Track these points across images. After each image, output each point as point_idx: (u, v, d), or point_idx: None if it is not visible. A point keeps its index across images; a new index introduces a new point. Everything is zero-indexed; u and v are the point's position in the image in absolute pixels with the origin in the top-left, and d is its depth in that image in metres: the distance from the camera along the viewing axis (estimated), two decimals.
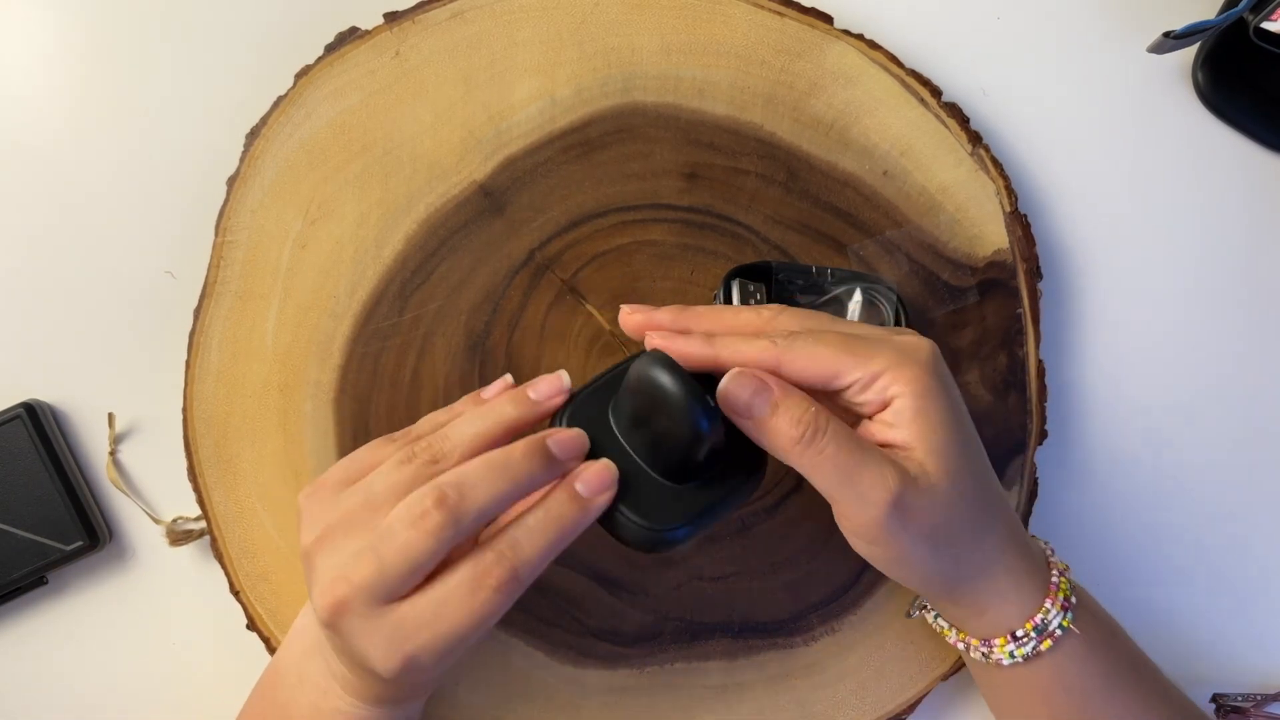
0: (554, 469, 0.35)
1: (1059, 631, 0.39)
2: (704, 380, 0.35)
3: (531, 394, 0.37)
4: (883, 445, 0.37)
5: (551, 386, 0.37)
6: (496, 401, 0.37)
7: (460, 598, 0.33)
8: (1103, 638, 0.41)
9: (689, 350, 0.37)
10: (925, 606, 0.45)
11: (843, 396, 0.37)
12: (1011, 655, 0.39)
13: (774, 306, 0.38)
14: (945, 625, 0.43)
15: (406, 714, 0.41)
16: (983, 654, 0.40)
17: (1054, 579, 0.40)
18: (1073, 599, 0.40)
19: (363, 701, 0.39)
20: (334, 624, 0.35)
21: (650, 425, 0.35)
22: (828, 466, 0.35)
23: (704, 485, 0.37)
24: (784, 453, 0.35)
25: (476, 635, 0.34)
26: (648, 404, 0.34)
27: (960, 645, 0.42)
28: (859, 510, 0.35)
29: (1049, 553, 0.42)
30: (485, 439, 0.36)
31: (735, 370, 0.35)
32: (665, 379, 0.34)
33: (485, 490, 0.34)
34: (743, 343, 0.36)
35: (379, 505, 0.35)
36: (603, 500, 0.35)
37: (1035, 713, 0.41)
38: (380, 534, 0.34)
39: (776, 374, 0.36)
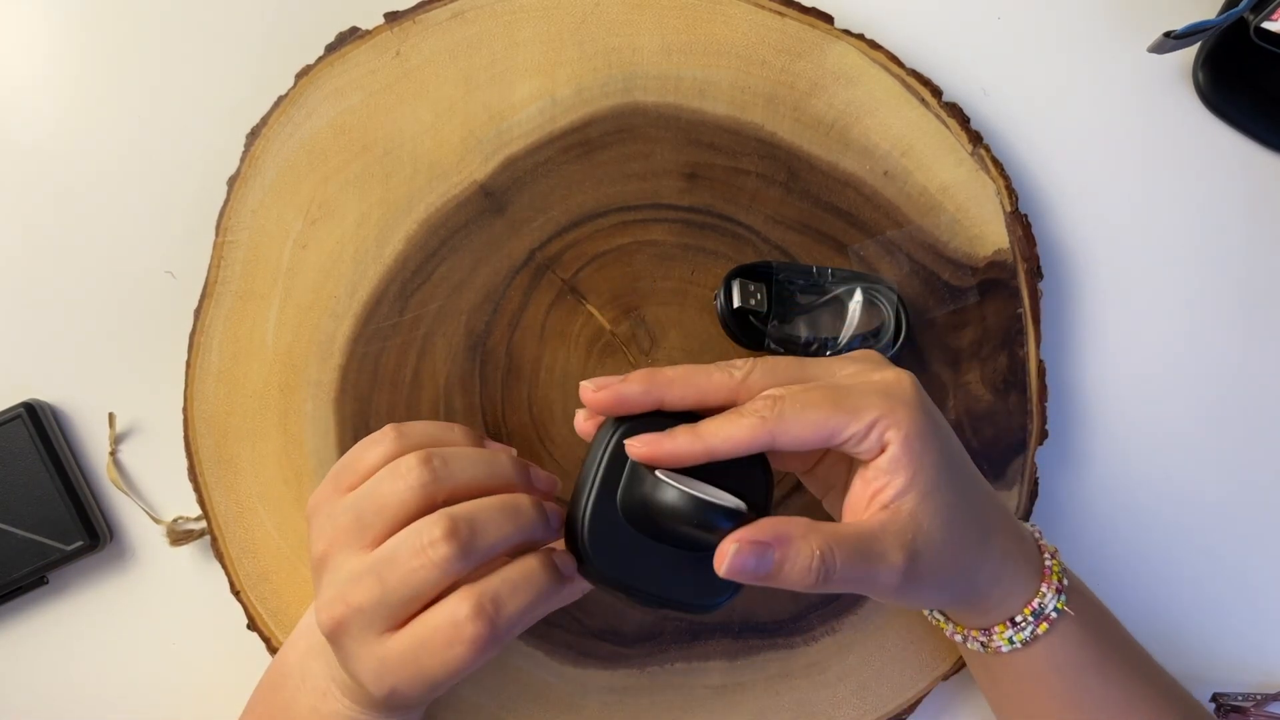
0: (554, 533, 0.37)
1: (1054, 614, 0.39)
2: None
3: (532, 476, 0.39)
4: (876, 492, 0.36)
5: (550, 484, 0.40)
6: (502, 457, 0.38)
7: (437, 647, 0.34)
8: (1094, 617, 0.42)
9: (680, 453, 0.35)
10: None
11: (840, 448, 0.36)
12: (1010, 642, 0.40)
13: (744, 363, 0.37)
14: (941, 618, 0.43)
15: (406, 719, 0.41)
16: (981, 644, 0.41)
17: (1046, 562, 0.41)
18: (1065, 581, 0.40)
19: (361, 707, 0.39)
20: (332, 640, 0.36)
21: (670, 529, 0.35)
22: (845, 585, 0.35)
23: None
24: (803, 589, 0.35)
25: (454, 681, 0.35)
26: (662, 516, 0.35)
27: (958, 637, 0.42)
28: (879, 593, 0.36)
29: (1037, 535, 0.42)
30: (485, 484, 0.37)
31: (731, 543, 0.33)
32: (675, 499, 0.34)
33: (496, 531, 0.35)
34: (731, 426, 0.35)
35: (381, 514, 0.36)
36: (578, 589, 0.37)
37: (1034, 697, 0.42)
38: (384, 558, 0.35)
39: (773, 448, 0.35)
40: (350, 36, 0.47)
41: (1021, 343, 0.49)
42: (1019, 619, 0.39)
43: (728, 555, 0.33)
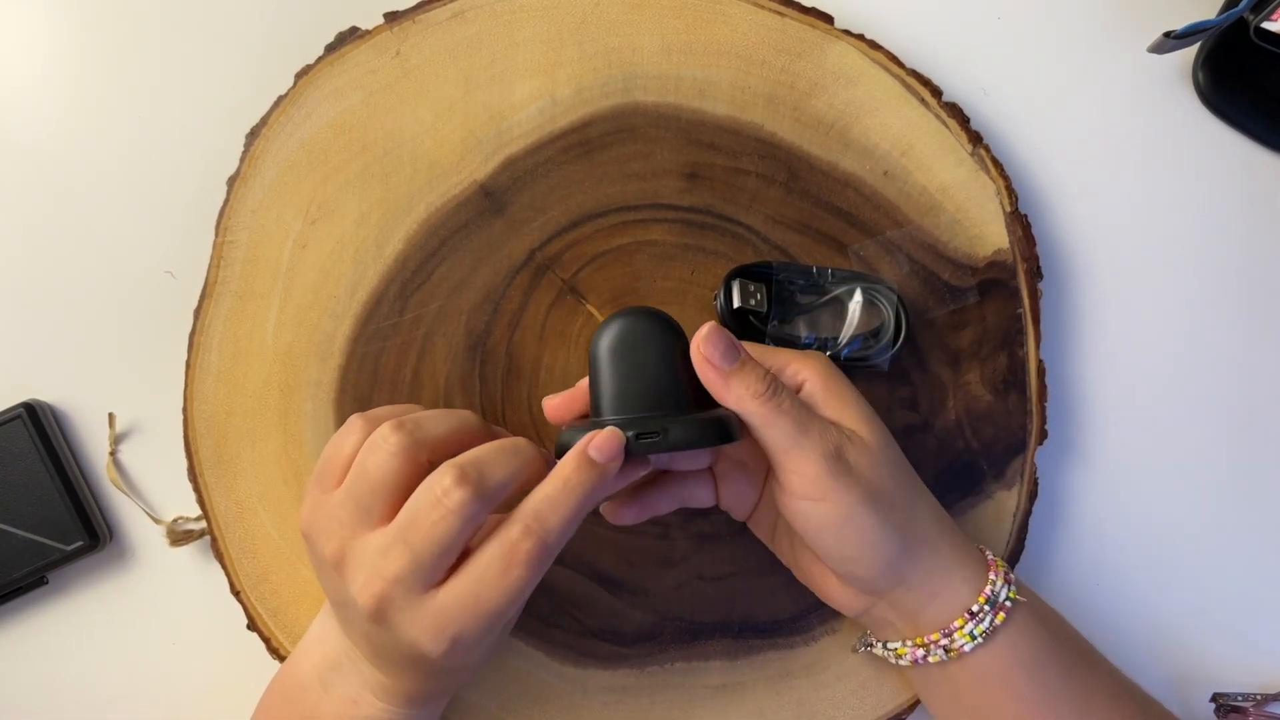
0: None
1: (1008, 603, 0.40)
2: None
3: (495, 432, 0.39)
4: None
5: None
6: (465, 412, 0.40)
7: (494, 577, 0.35)
8: (1045, 613, 0.43)
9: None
10: (870, 644, 0.45)
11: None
12: (973, 636, 0.40)
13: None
14: (896, 645, 0.43)
15: (431, 714, 0.42)
16: (943, 649, 0.41)
17: (989, 556, 0.42)
18: (1010, 574, 0.42)
19: (396, 704, 0.40)
20: (380, 620, 0.36)
21: (634, 373, 0.39)
22: (785, 419, 0.38)
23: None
24: (746, 402, 0.38)
25: (516, 608, 0.36)
26: (629, 347, 0.39)
27: (919, 654, 0.42)
28: (808, 461, 0.38)
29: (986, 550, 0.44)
30: (462, 436, 0.38)
31: (709, 326, 0.38)
32: (636, 318, 0.39)
33: (504, 468, 0.36)
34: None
35: (376, 490, 0.36)
36: (615, 465, 0.36)
37: (999, 702, 0.42)
38: (405, 524, 0.35)
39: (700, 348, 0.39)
40: (350, 36, 0.47)
41: (1021, 343, 0.49)
42: (975, 608, 0.40)
43: (705, 330, 0.38)
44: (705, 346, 0.38)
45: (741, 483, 0.44)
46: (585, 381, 0.41)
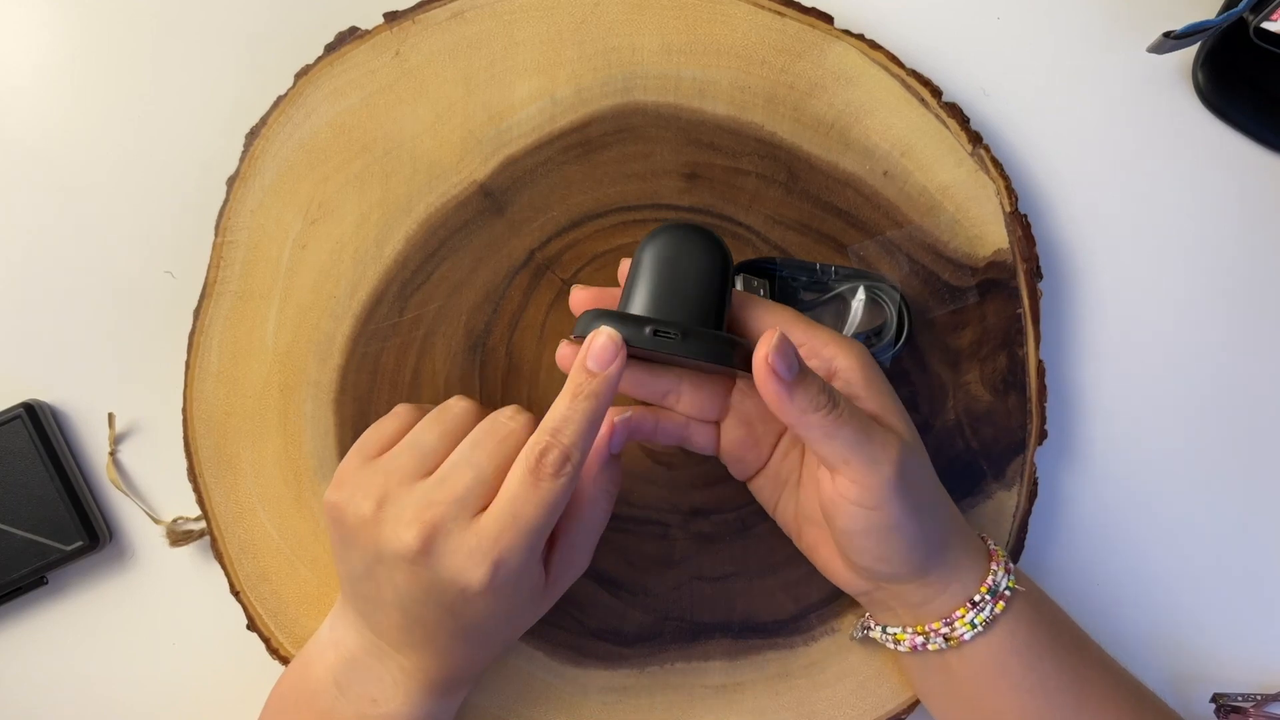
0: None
1: (1008, 592, 0.41)
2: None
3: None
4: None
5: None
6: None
7: (527, 491, 0.36)
8: (1040, 597, 0.44)
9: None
10: (869, 627, 0.45)
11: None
12: (973, 626, 0.41)
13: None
14: (896, 631, 0.43)
15: (450, 709, 0.43)
16: (943, 637, 0.41)
17: (990, 545, 0.43)
18: (1009, 563, 0.42)
19: (420, 693, 0.40)
20: (428, 549, 0.37)
21: (674, 283, 0.39)
22: (848, 430, 0.37)
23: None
24: (806, 414, 0.37)
25: (551, 523, 0.37)
26: (675, 258, 0.39)
27: (918, 640, 0.42)
28: (870, 473, 0.38)
29: (981, 532, 0.45)
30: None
31: (779, 335, 0.36)
32: (692, 234, 0.40)
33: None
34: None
35: (445, 436, 0.39)
36: (615, 369, 0.37)
37: (995, 691, 0.42)
38: (469, 449, 0.38)
39: (739, 320, 0.40)
40: (350, 36, 0.47)
41: (1021, 343, 0.49)
42: (977, 598, 0.41)
43: (773, 339, 0.36)
44: (774, 356, 0.36)
45: (747, 444, 0.44)
46: (616, 289, 0.42)
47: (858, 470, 0.38)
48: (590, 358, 0.37)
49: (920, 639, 0.42)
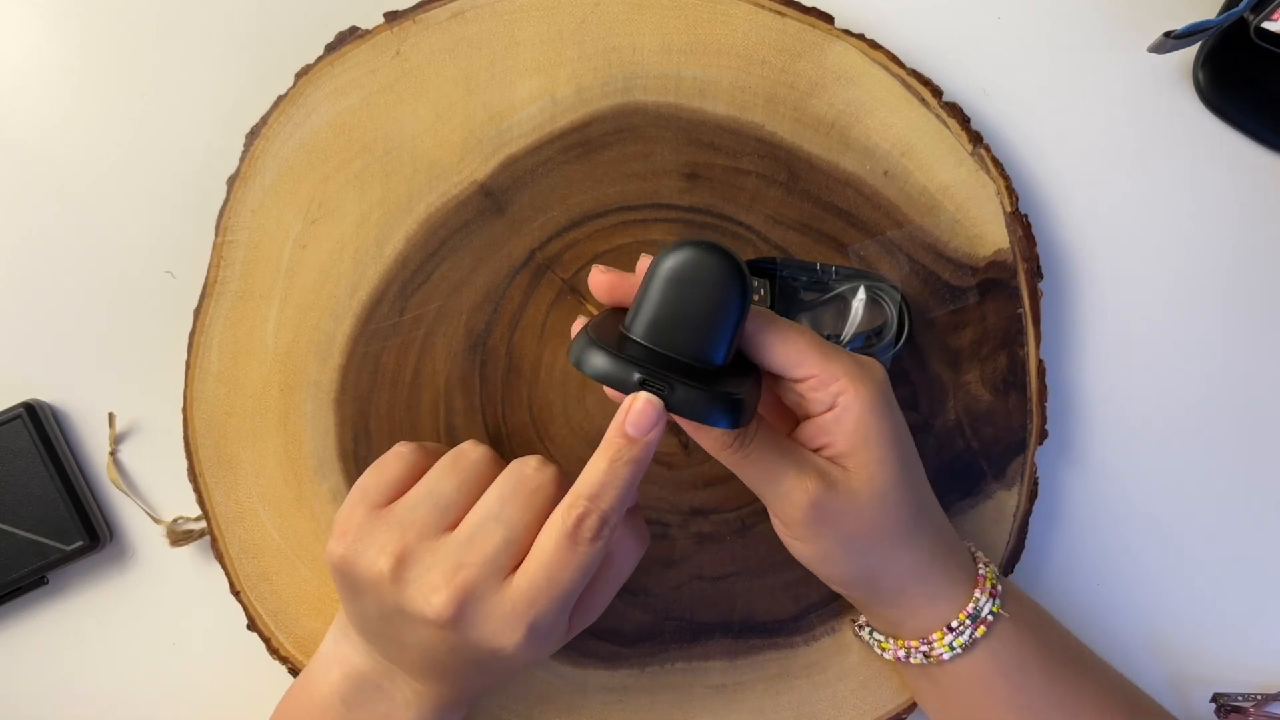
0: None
1: (990, 617, 0.41)
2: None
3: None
4: (818, 448, 0.39)
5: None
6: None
7: (564, 558, 0.35)
8: (1033, 621, 0.43)
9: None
10: (861, 626, 0.46)
11: (797, 388, 0.38)
12: (951, 647, 0.41)
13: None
14: (881, 638, 0.44)
15: (458, 717, 0.43)
16: (923, 654, 0.41)
17: (980, 571, 0.42)
18: (999, 587, 0.42)
19: (433, 713, 0.40)
20: (460, 618, 0.36)
21: (684, 310, 0.36)
22: (751, 469, 0.38)
23: (735, 373, 0.37)
24: (715, 452, 0.38)
25: (584, 585, 0.36)
26: (689, 280, 0.36)
27: (900, 654, 0.42)
28: (782, 508, 0.38)
29: (973, 550, 0.44)
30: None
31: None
32: (711, 256, 0.36)
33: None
34: None
35: (464, 486, 0.38)
36: (655, 435, 0.35)
37: (982, 705, 0.42)
38: (496, 504, 0.37)
39: (752, 343, 0.38)
40: (350, 36, 0.47)
41: (1021, 343, 0.49)
42: (955, 624, 0.41)
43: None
44: (629, 425, 0.35)
45: None
46: (636, 279, 0.39)
47: (771, 504, 0.39)
48: (631, 424, 0.35)
49: (902, 652, 0.42)
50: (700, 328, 0.36)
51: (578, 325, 0.39)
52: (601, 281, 0.39)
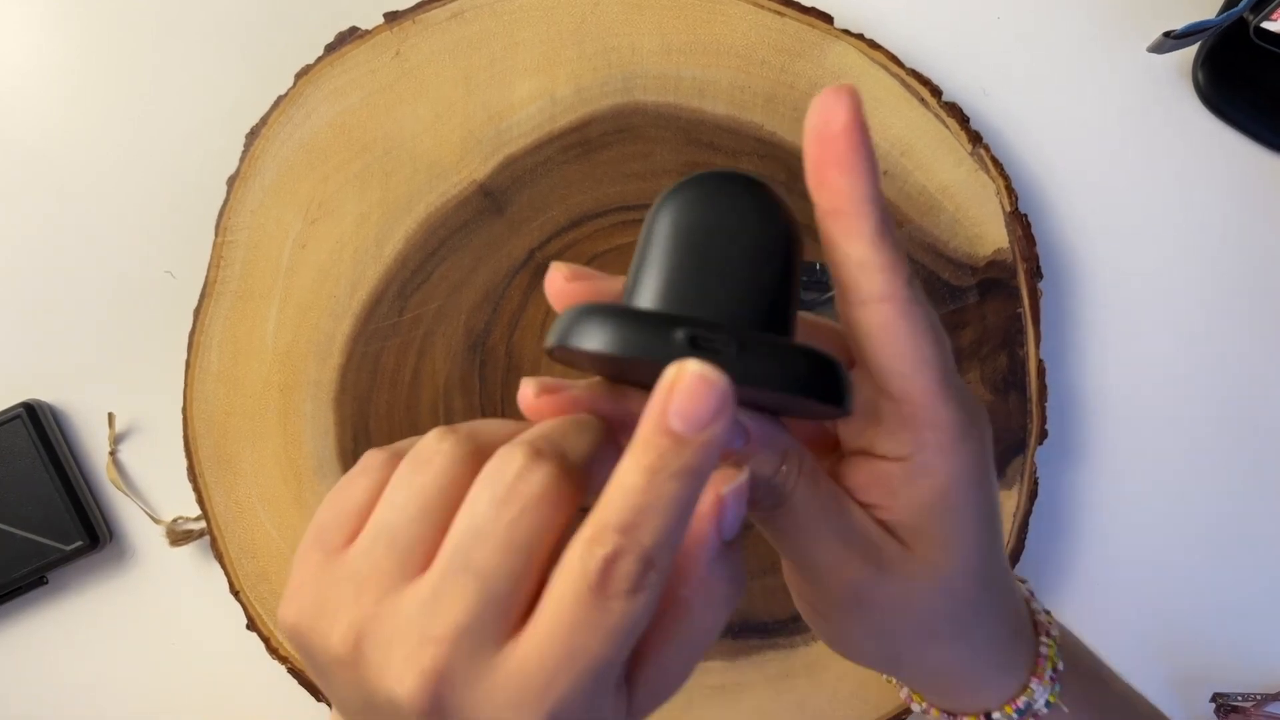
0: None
1: (1045, 709, 0.32)
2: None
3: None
4: (870, 504, 0.28)
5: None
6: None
7: (588, 621, 0.22)
8: (1091, 699, 0.35)
9: None
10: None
11: (877, 402, 0.27)
12: None
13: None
14: (923, 703, 0.36)
15: None
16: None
17: (1042, 648, 0.33)
18: (1059, 664, 0.33)
19: None
20: (440, 705, 0.23)
21: (710, 268, 0.24)
22: (783, 520, 0.27)
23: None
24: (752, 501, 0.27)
25: (626, 651, 0.24)
26: (711, 228, 0.25)
27: (916, 708, 0.35)
28: (810, 581, 0.29)
29: (1037, 610, 0.34)
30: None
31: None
32: (735, 188, 0.25)
33: (584, 438, 0.25)
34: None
35: (425, 515, 0.24)
36: (720, 430, 0.22)
37: None
38: (465, 541, 0.23)
39: (857, 312, 0.26)
40: (350, 36, 0.47)
41: (1021, 343, 0.49)
42: (997, 715, 0.32)
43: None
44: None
45: None
46: (618, 279, 0.27)
47: (796, 569, 0.30)
48: (676, 411, 0.21)
49: (917, 707, 0.36)
50: (740, 284, 0.24)
51: (525, 388, 0.28)
52: (567, 290, 0.27)
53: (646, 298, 0.24)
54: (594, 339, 0.23)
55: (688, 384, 0.21)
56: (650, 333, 0.22)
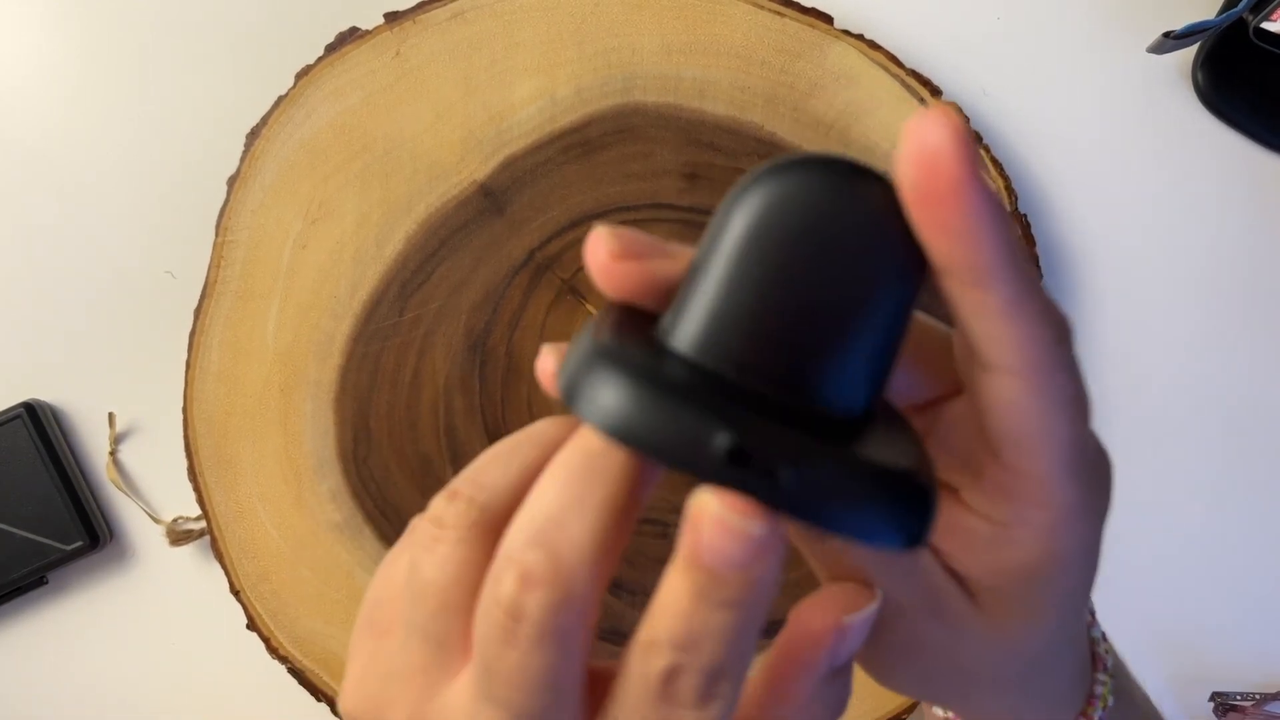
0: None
1: None
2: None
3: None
4: (941, 552, 0.24)
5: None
6: (538, 424, 0.23)
7: None
8: None
9: None
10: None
11: (980, 455, 0.22)
12: None
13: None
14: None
15: None
16: None
17: (1097, 687, 0.30)
18: (1110, 701, 0.30)
19: None
20: None
21: (793, 299, 0.18)
22: (834, 551, 0.24)
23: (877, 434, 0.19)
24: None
25: None
26: (797, 239, 0.18)
27: None
28: (912, 665, 0.25)
29: (1097, 641, 0.31)
30: (539, 461, 0.22)
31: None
32: (845, 184, 0.18)
33: (581, 527, 0.19)
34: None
35: (445, 609, 0.21)
36: (767, 570, 0.19)
37: None
38: (482, 670, 0.20)
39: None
40: (350, 36, 0.47)
41: None
42: None
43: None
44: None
45: None
46: (682, 252, 0.21)
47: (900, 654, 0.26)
48: (708, 548, 0.18)
49: None
50: (829, 334, 0.18)
51: (544, 364, 0.23)
52: (611, 273, 0.21)
53: (694, 334, 0.19)
54: (605, 412, 0.17)
55: (714, 527, 0.18)
56: (679, 428, 0.17)
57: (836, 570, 0.24)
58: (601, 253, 0.21)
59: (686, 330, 0.19)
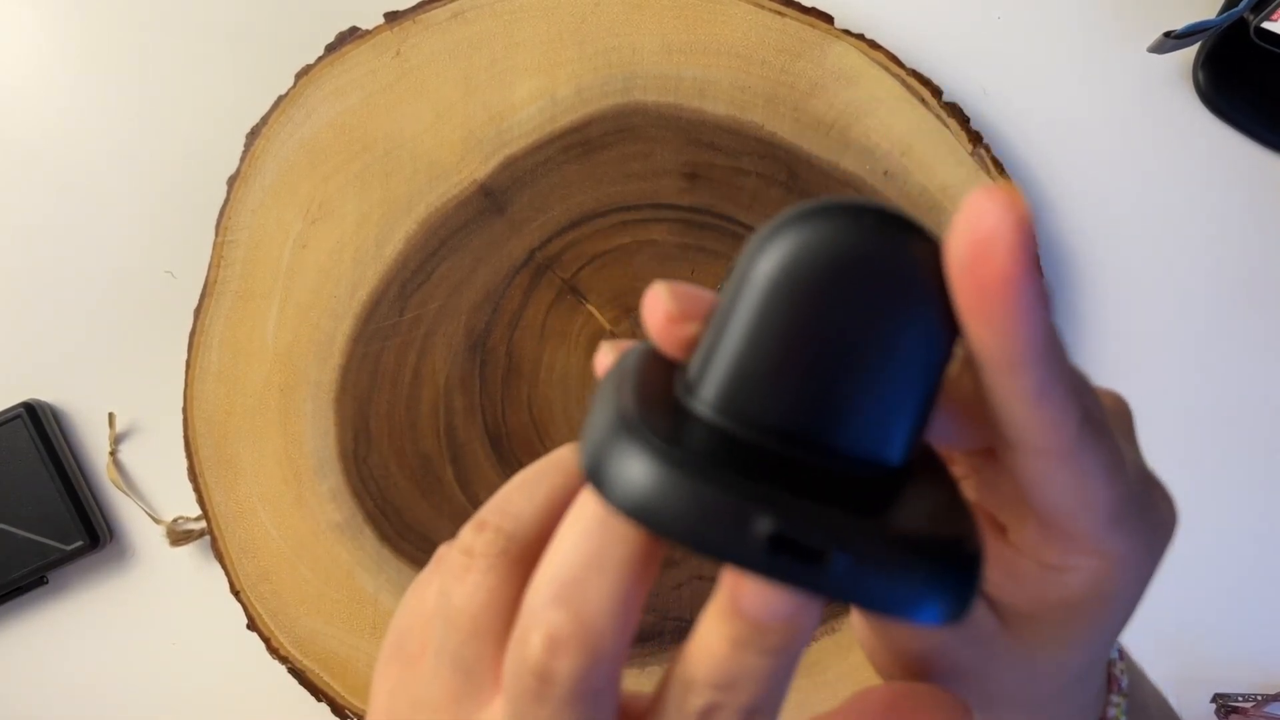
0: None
1: None
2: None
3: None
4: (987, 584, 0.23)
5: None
6: (561, 451, 0.23)
7: None
8: None
9: None
10: None
11: (1023, 504, 0.22)
12: None
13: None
14: None
15: None
16: None
17: (1110, 710, 0.30)
18: None
19: None
20: None
21: (826, 356, 0.17)
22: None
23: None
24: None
25: None
26: (827, 293, 0.17)
27: None
28: (888, 637, 0.25)
29: (1115, 662, 0.32)
30: (561, 491, 0.22)
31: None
32: (882, 240, 0.17)
33: (603, 586, 0.19)
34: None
35: (475, 637, 0.22)
36: (803, 623, 0.18)
37: None
38: (511, 712, 0.21)
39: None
40: (350, 36, 0.47)
41: None
42: None
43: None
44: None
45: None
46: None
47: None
48: (746, 606, 0.18)
49: None
50: (864, 392, 0.17)
51: (602, 360, 0.22)
52: (670, 338, 0.20)
53: (721, 392, 0.17)
54: (634, 501, 0.16)
55: (754, 595, 0.18)
56: (716, 516, 0.16)
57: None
58: (660, 315, 0.21)
59: (713, 387, 0.18)
